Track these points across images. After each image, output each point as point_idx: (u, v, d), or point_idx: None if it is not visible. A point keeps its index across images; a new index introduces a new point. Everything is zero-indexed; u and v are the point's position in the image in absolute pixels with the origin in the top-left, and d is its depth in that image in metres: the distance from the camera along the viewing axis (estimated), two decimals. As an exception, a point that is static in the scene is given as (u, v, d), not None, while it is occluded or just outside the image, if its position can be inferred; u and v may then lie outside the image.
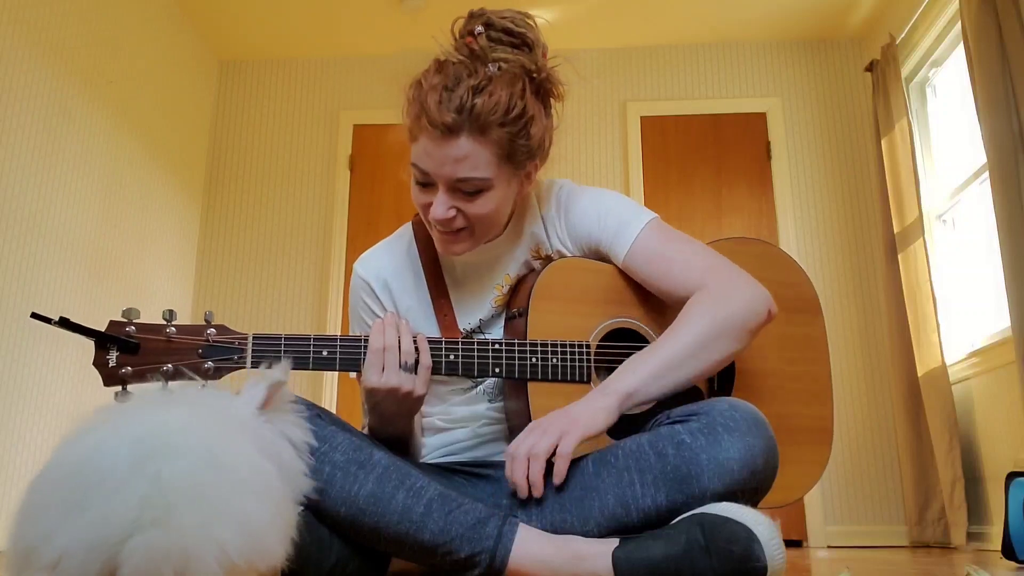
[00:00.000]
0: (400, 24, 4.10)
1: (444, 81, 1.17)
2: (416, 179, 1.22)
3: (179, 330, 1.17)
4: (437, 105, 1.15)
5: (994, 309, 3.09)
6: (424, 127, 1.17)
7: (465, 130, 1.16)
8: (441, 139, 1.16)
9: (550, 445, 1.06)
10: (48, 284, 2.99)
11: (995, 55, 2.75)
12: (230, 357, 1.15)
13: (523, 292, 1.27)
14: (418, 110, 1.18)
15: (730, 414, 1.07)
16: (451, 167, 1.17)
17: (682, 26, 4.16)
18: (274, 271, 4.15)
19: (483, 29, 1.21)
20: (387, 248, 1.40)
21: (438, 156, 1.17)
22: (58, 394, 3.00)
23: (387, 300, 1.35)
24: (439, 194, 1.20)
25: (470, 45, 1.20)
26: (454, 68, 1.19)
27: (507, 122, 1.17)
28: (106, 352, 1.14)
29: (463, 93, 1.15)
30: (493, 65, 1.18)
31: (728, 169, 4.16)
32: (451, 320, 1.31)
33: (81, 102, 3.23)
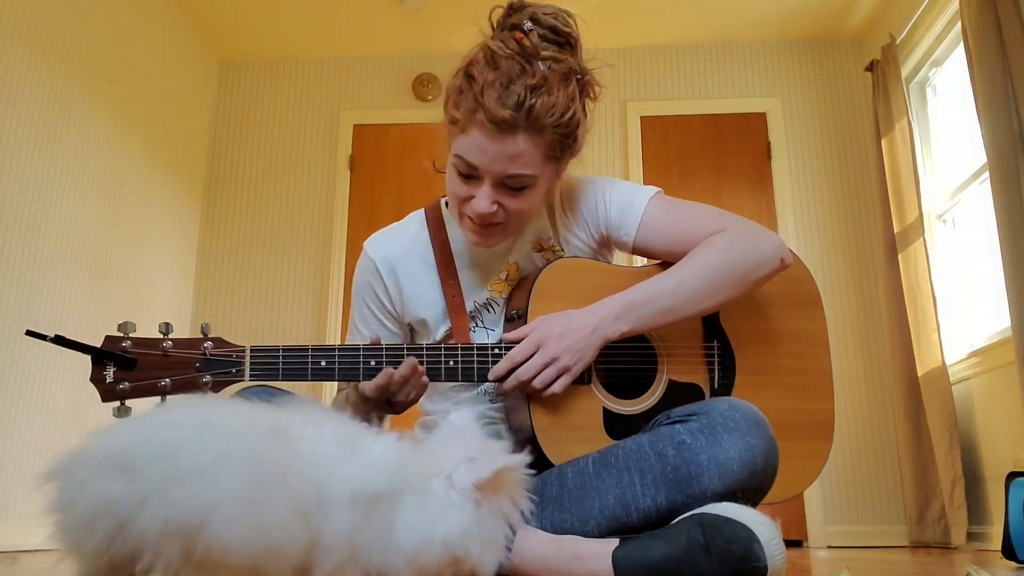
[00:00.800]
0: (400, 24, 4.10)
1: (500, 76, 1.16)
2: (459, 170, 1.21)
3: (176, 344, 1.15)
4: (496, 101, 1.14)
5: (994, 309, 3.09)
6: (480, 121, 1.15)
7: (522, 128, 1.16)
8: (497, 135, 1.15)
9: (550, 379, 1.15)
10: (48, 284, 2.99)
11: (995, 55, 2.75)
12: (228, 370, 1.14)
13: (522, 293, 1.27)
14: (473, 103, 1.16)
15: (730, 414, 1.07)
16: (503, 163, 1.17)
17: (682, 26, 4.16)
18: (274, 271, 4.14)
19: (532, 26, 1.20)
20: (397, 232, 1.40)
21: (491, 151, 1.17)
22: (58, 394, 3.00)
23: (392, 283, 1.35)
24: (484, 188, 1.19)
25: (520, 41, 1.19)
26: (507, 63, 1.17)
27: (560, 124, 1.18)
28: (103, 368, 1.13)
29: (521, 91, 1.15)
30: (543, 64, 1.18)
31: (728, 169, 4.16)
32: (459, 302, 1.31)
33: (81, 102, 3.23)
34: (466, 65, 1.21)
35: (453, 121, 1.20)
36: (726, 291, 1.21)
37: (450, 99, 1.22)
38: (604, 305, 1.17)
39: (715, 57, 4.28)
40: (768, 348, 1.32)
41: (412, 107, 4.30)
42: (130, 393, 1.13)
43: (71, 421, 3.06)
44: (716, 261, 1.20)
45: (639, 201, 1.29)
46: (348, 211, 4.19)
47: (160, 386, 1.13)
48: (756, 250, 1.22)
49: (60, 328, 3.02)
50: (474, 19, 1.28)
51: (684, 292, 1.19)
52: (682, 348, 1.29)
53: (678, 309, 1.19)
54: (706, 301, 1.20)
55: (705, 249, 1.22)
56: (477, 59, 1.20)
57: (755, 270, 1.22)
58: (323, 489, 0.81)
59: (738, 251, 1.21)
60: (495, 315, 1.33)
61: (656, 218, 1.28)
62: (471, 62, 1.20)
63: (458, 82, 1.20)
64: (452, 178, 1.23)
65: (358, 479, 0.83)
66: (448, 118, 1.22)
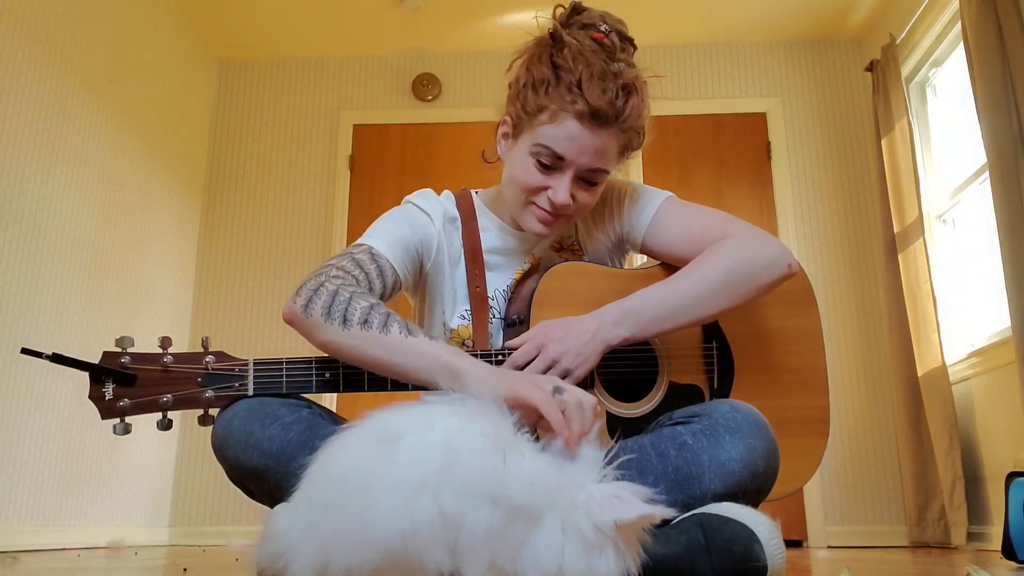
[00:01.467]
0: (400, 24, 4.10)
1: (595, 70, 1.16)
2: (540, 160, 1.20)
3: (176, 359, 1.13)
4: (598, 93, 1.15)
5: (994, 309, 3.09)
6: (578, 111, 1.15)
7: (614, 124, 1.17)
8: (592, 126, 1.16)
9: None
10: (48, 284, 2.98)
11: (995, 55, 2.75)
12: (231, 384, 1.13)
13: (522, 299, 1.26)
14: (570, 93, 1.16)
15: (731, 416, 1.07)
16: (590, 156, 1.18)
17: (682, 26, 4.16)
18: (274, 271, 4.14)
19: (608, 28, 1.22)
20: (444, 205, 1.34)
21: (583, 142, 1.17)
22: (58, 394, 3.00)
23: (435, 246, 1.30)
24: (565, 179, 1.19)
25: (600, 41, 1.20)
26: (595, 59, 1.18)
27: (639, 127, 1.21)
28: (102, 385, 1.11)
29: (616, 88, 1.16)
30: (620, 66, 1.19)
31: (728, 169, 4.16)
32: (482, 293, 1.30)
33: (81, 102, 3.23)
34: (538, 55, 1.21)
35: (539, 110, 1.19)
36: (729, 298, 1.20)
37: (531, 88, 1.20)
38: (605, 311, 1.16)
39: (715, 57, 4.28)
40: (765, 347, 1.32)
41: (412, 107, 4.30)
42: (130, 410, 1.12)
43: (71, 421, 3.06)
44: (719, 268, 1.19)
45: (652, 203, 1.31)
46: (348, 211, 4.19)
47: (161, 402, 1.12)
48: (760, 257, 1.21)
49: (60, 328, 3.03)
50: (473, 20, 1.29)
51: (686, 299, 1.18)
52: (682, 350, 1.29)
53: (680, 316, 1.18)
54: (708, 308, 1.19)
55: (708, 256, 1.21)
56: (559, 51, 1.19)
57: (758, 277, 1.21)
58: (467, 483, 0.80)
59: (741, 258, 1.20)
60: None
61: (665, 220, 1.29)
62: (550, 53, 1.20)
63: (543, 71, 1.19)
64: (527, 168, 1.21)
65: (504, 483, 0.81)
66: (531, 107, 1.20)
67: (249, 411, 1.09)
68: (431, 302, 1.34)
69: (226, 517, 3.83)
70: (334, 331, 1.07)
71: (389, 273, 1.22)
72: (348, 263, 1.18)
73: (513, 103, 1.24)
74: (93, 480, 3.23)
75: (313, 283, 1.12)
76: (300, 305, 1.11)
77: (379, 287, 1.20)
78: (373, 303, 1.09)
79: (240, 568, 1.86)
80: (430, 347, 1.05)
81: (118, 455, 3.40)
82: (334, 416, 1.14)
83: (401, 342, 1.05)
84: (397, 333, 1.06)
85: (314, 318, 1.09)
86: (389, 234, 1.25)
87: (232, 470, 1.11)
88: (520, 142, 1.23)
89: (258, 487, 1.10)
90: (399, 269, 1.24)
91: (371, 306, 1.08)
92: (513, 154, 1.25)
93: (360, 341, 1.06)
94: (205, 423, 1.15)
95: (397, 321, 1.07)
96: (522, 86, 1.22)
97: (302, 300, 1.11)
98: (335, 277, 1.13)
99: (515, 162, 1.24)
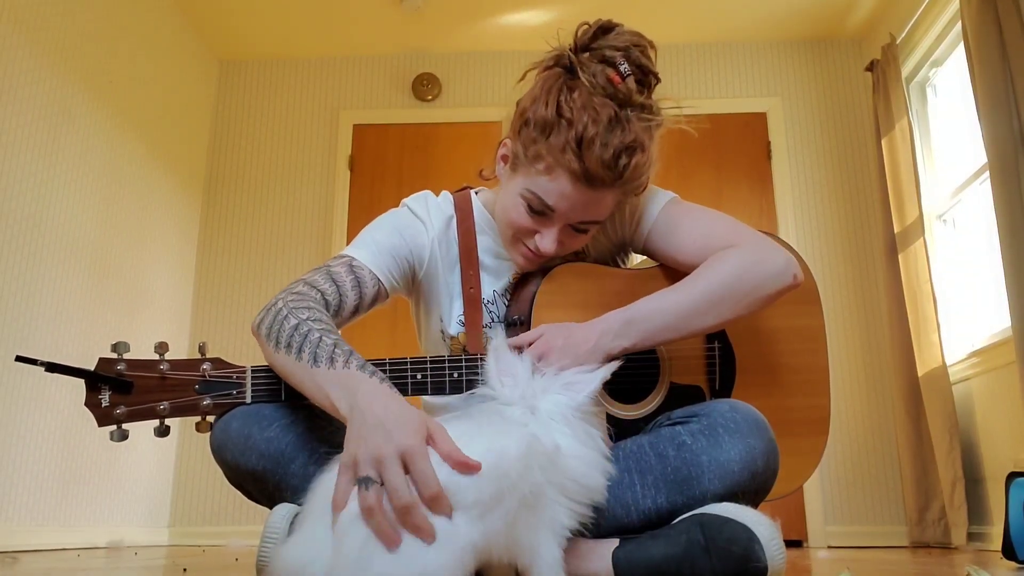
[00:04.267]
0: (400, 24, 4.09)
1: (599, 129, 1.12)
2: (531, 206, 1.18)
3: (173, 366, 1.12)
4: (597, 158, 1.11)
5: (994, 309, 3.09)
6: (573, 171, 1.13)
7: (611, 185, 1.15)
8: (587, 188, 1.14)
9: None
10: (47, 284, 2.98)
11: (995, 55, 2.74)
12: (229, 392, 1.12)
13: (523, 299, 1.26)
14: (568, 151, 1.12)
15: (731, 416, 1.07)
16: (582, 212, 1.17)
17: (682, 26, 4.16)
18: (274, 271, 4.14)
19: (629, 68, 1.17)
20: (441, 207, 1.33)
21: (575, 200, 1.15)
22: (58, 394, 3.00)
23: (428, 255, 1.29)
24: (554, 230, 1.19)
25: (616, 85, 1.15)
26: (604, 111, 1.13)
27: (639, 179, 1.19)
28: (98, 392, 1.10)
29: (617, 147, 1.12)
30: (634, 113, 1.15)
31: (728, 169, 4.15)
32: (475, 295, 1.29)
33: (81, 101, 3.23)
34: (548, 88, 1.17)
35: (536, 157, 1.16)
36: (733, 309, 1.17)
37: (534, 128, 1.17)
38: (608, 319, 1.14)
39: (715, 57, 4.28)
40: (768, 346, 1.32)
41: (412, 107, 4.30)
42: (126, 417, 1.11)
43: (71, 422, 3.06)
44: (723, 278, 1.17)
45: (654, 205, 1.29)
46: (348, 211, 4.19)
47: (158, 410, 1.11)
48: (765, 268, 1.18)
49: (59, 328, 3.02)
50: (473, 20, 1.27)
51: (687, 309, 1.15)
52: (684, 350, 1.28)
53: (681, 326, 1.15)
54: (711, 319, 1.16)
55: (713, 265, 1.18)
56: (568, 93, 1.15)
57: (762, 288, 1.18)
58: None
59: (746, 268, 1.17)
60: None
61: (666, 223, 1.27)
62: (559, 94, 1.15)
63: (547, 115, 1.15)
64: (518, 209, 1.19)
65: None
66: (530, 152, 1.17)
67: (247, 413, 1.09)
68: (427, 309, 1.33)
69: (226, 517, 3.83)
70: (269, 351, 1.07)
71: (369, 284, 1.20)
72: (318, 277, 1.17)
73: (514, 136, 1.21)
74: (93, 480, 3.23)
75: (273, 300, 1.13)
76: (256, 322, 1.12)
77: (353, 299, 1.18)
78: (301, 322, 1.05)
79: (240, 568, 1.86)
80: (327, 377, 0.98)
81: (118, 455, 3.40)
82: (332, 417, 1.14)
83: (304, 369, 1.01)
84: (305, 360, 1.01)
85: (261, 336, 1.10)
86: (376, 244, 1.24)
87: (231, 472, 1.11)
88: (515, 179, 1.21)
89: (257, 489, 1.10)
90: (384, 279, 1.23)
91: (296, 326, 1.04)
92: (508, 187, 1.22)
93: (282, 364, 1.05)
94: (202, 430, 1.15)
95: (310, 344, 1.02)
96: (524, 122, 1.19)
97: (259, 317, 1.12)
98: (292, 296, 1.12)
99: (508, 197, 1.22)
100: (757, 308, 1.19)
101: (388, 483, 0.82)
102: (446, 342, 1.30)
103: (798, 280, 1.21)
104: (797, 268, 1.21)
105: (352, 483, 0.84)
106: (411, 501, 0.81)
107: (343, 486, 0.84)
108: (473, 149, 4.06)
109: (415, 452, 0.84)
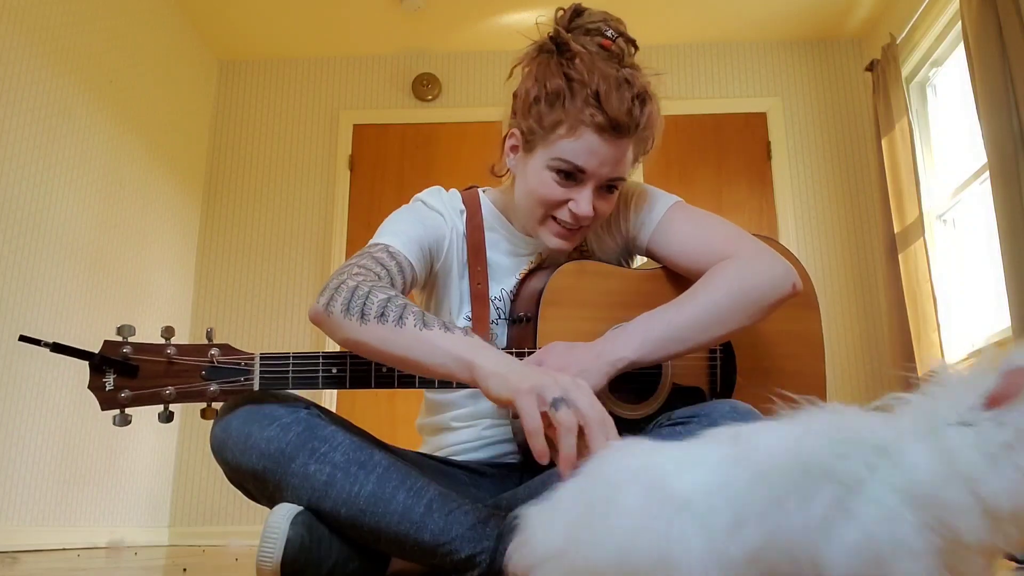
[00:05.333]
0: (400, 24, 4.09)
1: (610, 80, 1.14)
2: (560, 171, 1.18)
3: (180, 350, 1.11)
4: (617, 105, 1.13)
5: (994, 309, 3.09)
6: (597, 123, 1.14)
7: (631, 134, 1.17)
8: (612, 138, 1.15)
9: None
10: (47, 284, 2.98)
11: (995, 55, 2.74)
12: (237, 379, 1.11)
13: (529, 297, 1.25)
14: (588, 106, 1.14)
15: (731, 416, 1.06)
16: (611, 167, 1.18)
17: (682, 26, 4.16)
18: (274, 271, 4.14)
19: (615, 34, 1.20)
20: (452, 203, 1.33)
21: (603, 154, 1.16)
22: (58, 394, 2.99)
23: (444, 248, 1.29)
24: (586, 192, 1.19)
25: (609, 48, 1.18)
26: (611, 69, 1.16)
27: (652, 133, 1.21)
28: (102, 375, 1.09)
29: (632, 97, 1.15)
30: (631, 73, 1.18)
31: (728, 169, 4.15)
32: (483, 291, 1.29)
33: (81, 101, 3.23)
34: (547, 65, 1.19)
35: (556, 124, 1.17)
36: (737, 320, 1.17)
37: (545, 102, 1.18)
38: (612, 337, 1.13)
39: (715, 57, 4.28)
40: (767, 351, 1.32)
41: (412, 107, 4.30)
42: (131, 402, 1.10)
43: (71, 421, 3.06)
44: (725, 291, 1.17)
45: (659, 208, 1.30)
46: (348, 211, 4.19)
47: (164, 395, 1.10)
48: (765, 279, 1.19)
49: (59, 328, 3.02)
50: (473, 20, 1.28)
51: (693, 324, 1.14)
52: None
53: (687, 340, 1.14)
54: (716, 331, 1.16)
55: (713, 278, 1.18)
56: (569, 60, 1.17)
57: (764, 299, 1.18)
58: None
59: (747, 280, 1.18)
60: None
61: (670, 227, 1.28)
62: (560, 67, 1.17)
63: (556, 83, 1.16)
64: (546, 181, 1.20)
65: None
66: (547, 122, 1.18)
67: (247, 412, 1.09)
68: (438, 302, 1.33)
69: (226, 517, 3.83)
70: (353, 327, 1.03)
71: (408, 269, 1.20)
72: (368, 261, 1.16)
73: (524, 117, 1.21)
74: (93, 480, 3.23)
75: (335, 281, 1.09)
76: (323, 304, 1.07)
77: (400, 283, 1.18)
78: (391, 295, 1.05)
79: (240, 568, 1.86)
80: (444, 339, 0.98)
81: (118, 455, 3.40)
82: (333, 416, 1.14)
83: (416, 336, 1.00)
84: (412, 326, 1.00)
85: (335, 315, 1.05)
86: (403, 233, 1.24)
87: (231, 471, 1.10)
88: (536, 156, 1.21)
89: (257, 488, 1.10)
90: (416, 267, 1.22)
91: (388, 299, 1.04)
92: (528, 168, 1.23)
93: (376, 336, 1.02)
94: (207, 416, 1.14)
95: (413, 313, 1.02)
96: (533, 99, 1.19)
97: (324, 299, 1.08)
98: (356, 274, 1.10)
99: (532, 176, 1.22)
100: (759, 318, 1.19)
101: (581, 400, 0.83)
102: None
103: (797, 289, 1.21)
104: (796, 277, 1.22)
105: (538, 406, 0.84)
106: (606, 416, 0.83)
107: (531, 409, 0.84)
108: (473, 149, 4.06)
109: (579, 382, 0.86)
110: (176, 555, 2.65)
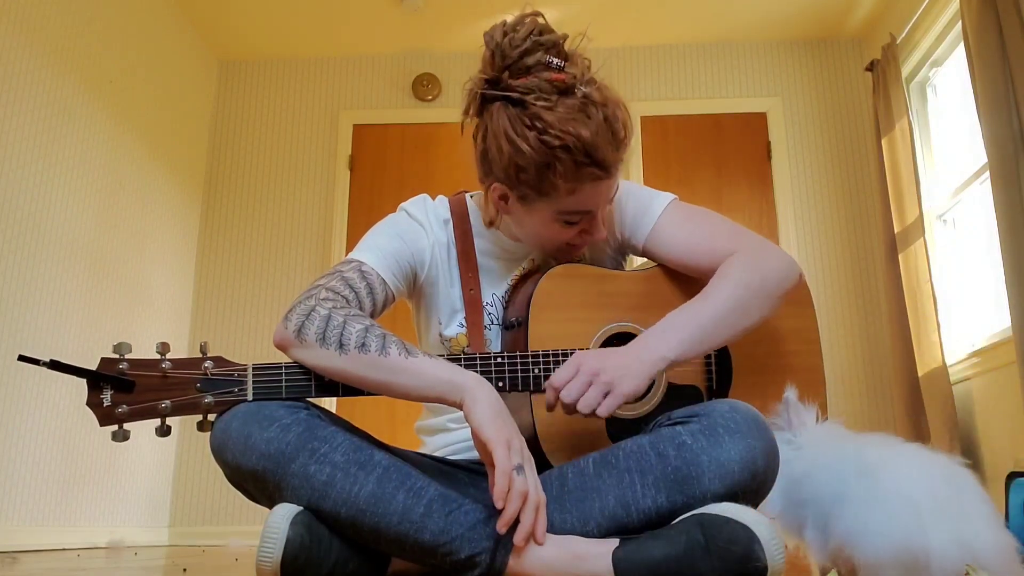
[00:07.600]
0: (400, 24, 4.10)
1: (588, 126, 1.13)
2: (569, 221, 1.21)
3: (175, 364, 1.12)
4: (608, 149, 1.15)
5: (994, 309, 3.09)
6: (592, 175, 1.16)
7: (622, 158, 1.20)
8: (606, 176, 1.18)
9: (595, 401, 1.06)
10: (47, 284, 2.98)
11: (996, 55, 2.75)
12: (230, 390, 1.12)
13: (521, 301, 1.26)
14: (581, 166, 1.14)
15: (731, 415, 1.06)
16: (608, 194, 1.22)
17: (682, 26, 4.16)
18: (274, 271, 4.14)
19: (558, 60, 1.17)
20: (437, 212, 1.34)
21: (602, 191, 1.20)
22: (58, 395, 3.00)
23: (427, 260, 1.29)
24: (597, 220, 1.23)
25: (558, 81, 1.15)
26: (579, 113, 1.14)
27: (630, 140, 1.22)
28: (100, 391, 1.11)
29: (610, 127, 1.16)
30: (589, 91, 1.15)
31: (728, 169, 4.16)
32: (476, 297, 1.30)
33: (81, 101, 3.23)
34: (515, 130, 1.15)
35: (552, 188, 1.17)
36: (759, 311, 1.20)
37: (534, 170, 1.16)
38: (645, 339, 1.14)
39: (715, 57, 4.28)
40: (763, 348, 1.33)
41: (412, 107, 4.30)
42: (129, 416, 1.11)
43: (71, 422, 3.06)
44: (744, 284, 1.19)
45: (655, 207, 1.30)
46: (348, 211, 4.19)
47: (160, 408, 1.11)
48: (773, 270, 1.22)
49: (59, 328, 3.03)
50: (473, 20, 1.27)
51: (721, 319, 1.16)
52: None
53: (717, 336, 1.17)
54: (742, 324, 1.19)
55: (728, 274, 1.20)
56: (542, 129, 1.13)
57: (777, 289, 1.22)
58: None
59: (759, 270, 1.21)
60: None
61: (668, 226, 1.29)
62: (528, 130, 1.14)
63: (538, 155, 1.14)
64: (553, 229, 1.23)
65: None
66: (543, 187, 1.17)
67: (247, 413, 1.09)
68: (427, 312, 1.33)
69: (225, 517, 3.83)
70: (330, 356, 1.08)
71: (379, 289, 1.21)
72: (337, 283, 1.17)
73: (510, 183, 1.20)
74: (93, 480, 3.23)
75: (303, 307, 1.12)
76: (292, 330, 1.11)
77: (369, 305, 1.19)
78: (367, 325, 1.09)
79: (240, 568, 1.86)
80: (431, 365, 1.07)
81: (118, 455, 3.40)
82: (333, 417, 1.14)
83: (401, 363, 1.07)
84: (396, 355, 1.07)
85: (308, 343, 1.09)
86: (380, 249, 1.25)
87: (231, 472, 1.11)
88: (536, 209, 1.21)
89: (257, 489, 1.10)
90: (391, 283, 1.23)
91: (365, 329, 1.08)
92: (528, 218, 1.23)
93: (359, 365, 1.08)
94: (204, 429, 1.15)
95: (395, 342, 1.08)
96: (516, 168, 1.17)
97: (293, 325, 1.11)
98: (325, 300, 1.12)
99: (538, 224, 1.23)
100: (773, 309, 1.22)
101: (531, 478, 1.00)
102: (445, 344, 1.30)
103: (802, 277, 1.26)
104: (799, 267, 1.26)
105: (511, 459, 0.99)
106: (542, 498, 1.01)
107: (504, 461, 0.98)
108: (473, 149, 4.06)
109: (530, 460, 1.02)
110: (176, 555, 2.65)
